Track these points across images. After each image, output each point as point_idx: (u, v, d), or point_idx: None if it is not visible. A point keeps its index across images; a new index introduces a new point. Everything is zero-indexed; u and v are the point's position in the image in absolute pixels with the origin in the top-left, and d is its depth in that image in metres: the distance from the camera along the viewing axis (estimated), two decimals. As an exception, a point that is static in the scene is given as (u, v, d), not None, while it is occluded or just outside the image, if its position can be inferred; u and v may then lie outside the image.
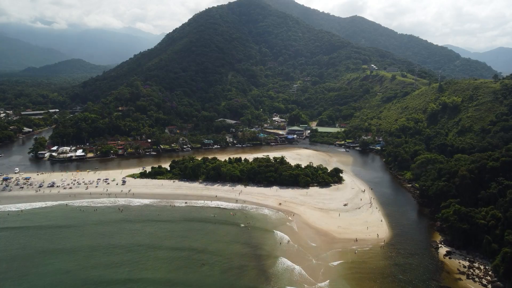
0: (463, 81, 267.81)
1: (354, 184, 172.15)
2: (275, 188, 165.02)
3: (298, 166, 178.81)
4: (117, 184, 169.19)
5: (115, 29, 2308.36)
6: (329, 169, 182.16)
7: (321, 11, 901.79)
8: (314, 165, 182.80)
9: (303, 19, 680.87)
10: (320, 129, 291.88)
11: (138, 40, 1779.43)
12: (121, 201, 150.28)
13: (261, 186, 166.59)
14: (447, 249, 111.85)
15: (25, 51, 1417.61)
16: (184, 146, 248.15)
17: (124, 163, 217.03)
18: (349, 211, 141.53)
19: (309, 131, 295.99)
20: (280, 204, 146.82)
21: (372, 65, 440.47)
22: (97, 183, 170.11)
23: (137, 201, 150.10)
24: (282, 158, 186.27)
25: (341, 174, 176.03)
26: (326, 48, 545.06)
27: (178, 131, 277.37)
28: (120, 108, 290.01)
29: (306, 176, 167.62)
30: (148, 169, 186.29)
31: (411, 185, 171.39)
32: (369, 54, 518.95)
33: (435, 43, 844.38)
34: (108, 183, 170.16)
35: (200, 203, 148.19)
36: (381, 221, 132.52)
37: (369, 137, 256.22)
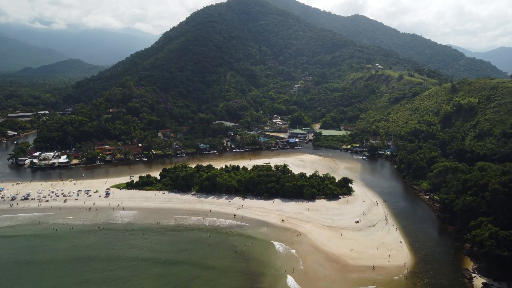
0: (477, 80, 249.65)
1: (366, 196, 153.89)
2: (277, 201, 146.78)
3: (302, 175, 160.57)
4: (99, 197, 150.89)
5: (114, 29, 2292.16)
6: (337, 178, 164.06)
7: (321, 10, 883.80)
8: (320, 174, 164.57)
9: (304, 18, 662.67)
10: (324, 132, 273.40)
11: (138, 40, 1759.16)
12: (102, 217, 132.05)
13: (261, 199, 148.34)
14: (483, 280, 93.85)
15: (23, 52, 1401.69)
16: (178, 152, 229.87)
17: (112, 170, 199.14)
18: (363, 229, 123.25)
19: (312, 134, 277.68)
20: (283, 221, 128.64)
21: (377, 64, 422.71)
22: (78, 195, 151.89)
23: (120, 217, 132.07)
24: (285, 166, 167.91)
25: (350, 185, 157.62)
26: (328, 47, 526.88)
27: (172, 134, 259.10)
28: (110, 110, 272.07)
29: (311, 187, 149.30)
30: (136, 178, 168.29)
31: (429, 196, 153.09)
32: (372, 53, 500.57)
33: (438, 43, 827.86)
34: (90, 195, 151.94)
35: (192, 219, 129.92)
36: (401, 242, 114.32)
37: (378, 141, 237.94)
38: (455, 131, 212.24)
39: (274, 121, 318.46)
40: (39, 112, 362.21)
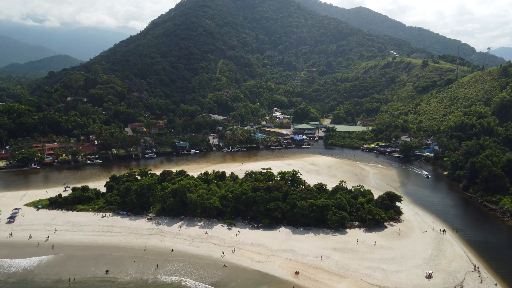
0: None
1: (423, 222, 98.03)
2: (284, 231, 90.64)
3: (320, 187, 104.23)
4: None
5: (109, 27, 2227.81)
6: (371, 191, 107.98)
7: (322, 2, 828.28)
8: (347, 185, 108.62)
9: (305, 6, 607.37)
10: (338, 127, 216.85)
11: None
12: (-19, 264, 75.82)
13: (258, 228, 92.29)
14: None
15: (14, 49, 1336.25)
16: (148, 151, 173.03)
17: (52, 177, 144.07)
18: (445, 294, 67.28)
19: (323, 130, 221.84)
20: (297, 273, 72.55)
21: (392, 51, 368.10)
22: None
23: (13, 262, 75.89)
24: (294, 173, 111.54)
25: (398, 203, 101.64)
26: (333, 36, 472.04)
27: (145, 129, 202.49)
28: (68, 99, 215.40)
29: (339, 209, 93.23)
30: (71, 191, 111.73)
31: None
32: (383, 42, 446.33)
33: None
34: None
35: (135, 272, 73.28)
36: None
37: (412, 138, 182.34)
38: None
39: (274, 114, 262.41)
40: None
